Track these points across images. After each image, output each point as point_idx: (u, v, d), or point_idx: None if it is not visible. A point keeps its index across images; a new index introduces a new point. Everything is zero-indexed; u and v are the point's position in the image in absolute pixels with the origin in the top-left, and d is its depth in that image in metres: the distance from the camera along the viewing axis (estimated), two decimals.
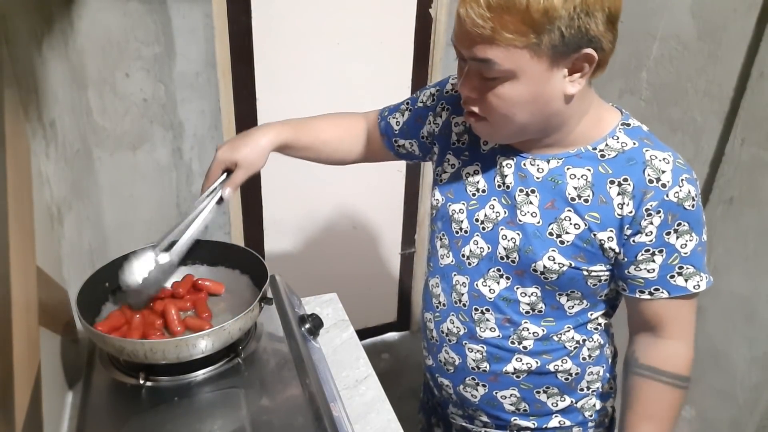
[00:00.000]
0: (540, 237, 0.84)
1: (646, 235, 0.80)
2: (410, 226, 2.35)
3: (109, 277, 1.01)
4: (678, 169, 0.79)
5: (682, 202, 0.78)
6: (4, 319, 0.67)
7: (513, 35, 0.70)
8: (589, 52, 0.72)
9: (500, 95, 0.76)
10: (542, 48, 0.71)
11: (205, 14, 1.60)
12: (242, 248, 1.09)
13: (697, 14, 1.31)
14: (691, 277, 0.82)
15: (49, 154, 1.05)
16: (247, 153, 0.96)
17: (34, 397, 0.76)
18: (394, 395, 1.07)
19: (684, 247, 0.80)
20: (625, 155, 0.81)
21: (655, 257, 0.81)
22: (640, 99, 1.47)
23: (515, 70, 0.73)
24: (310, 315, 1.05)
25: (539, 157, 0.85)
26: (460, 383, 0.98)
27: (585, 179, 0.82)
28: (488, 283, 0.90)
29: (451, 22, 1.99)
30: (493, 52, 0.72)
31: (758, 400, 1.34)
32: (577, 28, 0.70)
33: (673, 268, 0.81)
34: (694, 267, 0.81)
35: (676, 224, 0.79)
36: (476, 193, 0.91)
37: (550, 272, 0.84)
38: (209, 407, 0.89)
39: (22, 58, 0.94)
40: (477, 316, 0.92)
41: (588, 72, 0.75)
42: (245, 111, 1.82)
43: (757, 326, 1.31)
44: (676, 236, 0.80)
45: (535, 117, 0.78)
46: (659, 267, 0.81)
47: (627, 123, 0.84)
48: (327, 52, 1.88)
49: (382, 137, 1.09)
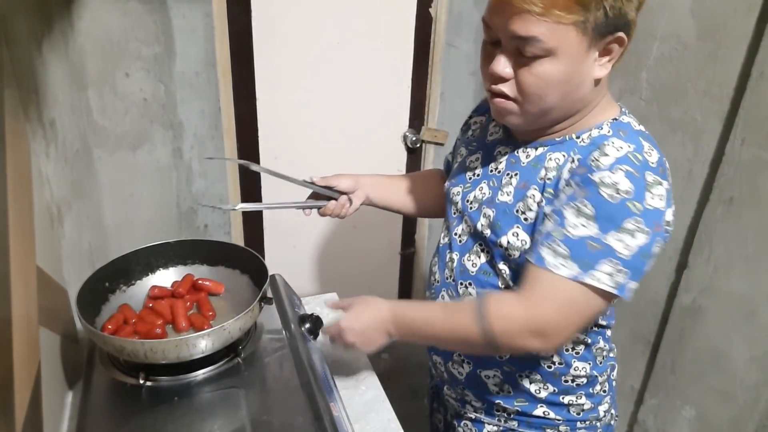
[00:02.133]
0: (508, 214, 0.86)
1: (558, 200, 0.80)
2: (410, 226, 2.35)
3: (109, 277, 1.01)
4: (624, 159, 0.75)
5: (601, 186, 0.74)
6: (4, 319, 0.67)
7: (562, 12, 0.70)
8: (621, 35, 0.75)
9: (537, 73, 0.75)
10: (587, 26, 0.72)
11: (205, 14, 1.60)
12: (242, 248, 1.09)
13: (697, 14, 1.31)
14: (558, 257, 0.76)
15: (49, 154, 1.05)
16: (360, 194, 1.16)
17: (34, 397, 0.76)
18: (394, 395, 1.07)
19: (573, 228, 0.76)
20: (594, 141, 0.81)
21: (546, 222, 0.80)
22: (640, 99, 1.47)
23: (557, 48, 0.73)
24: (310, 315, 1.05)
25: (531, 146, 0.87)
26: (449, 359, 1.00)
27: (557, 162, 0.83)
28: (471, 257, 0.93)
29: (452, 22, 1.99)
30: (538, 29, 0.71)
31: (758, 400, 1.34)
32: (618, 10, 0.72)
33: (552, 239, 0.77)
34: (569, 251, 0.76)
35: (580, 201, 0.76)
36: (472, 177, 0.96)
37: (513, 248, 0.85)
38: (209, 407, 0.89)
39: (22, 58, 0.94)
40: (461, 290, 0.94)
41: (616, 56, 0.77)
42: (245, 111, 1.82)
43: (757, 326, 1.31)
44: (574, 213, 0.76)
45: (564, 100, 0.79)
46: (545, 233, 0.79)
47: (617, 118, 0.84)
48: (327, 52, 1.88)
49: (443, 179, 1.16)
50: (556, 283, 0.77)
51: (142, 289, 1.05)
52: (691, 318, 1.43)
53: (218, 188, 1.83)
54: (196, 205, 1.82)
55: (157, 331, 0.93)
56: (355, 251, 2.28)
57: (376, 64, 1.96)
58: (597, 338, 0.95)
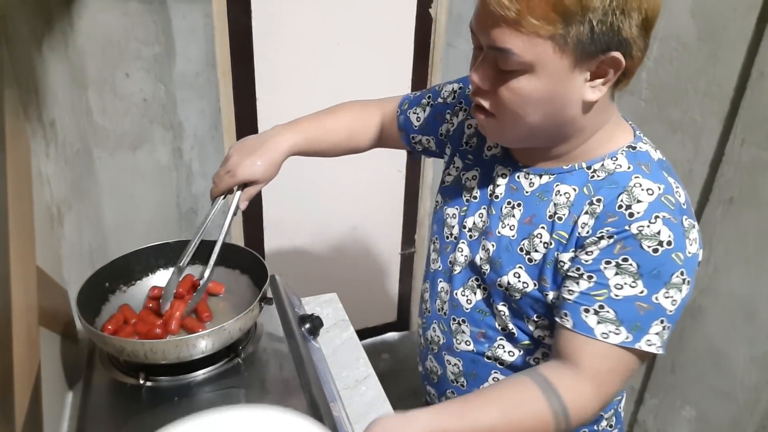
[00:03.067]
0: (510, 251, 0.80)
1: (587, 254, 0.72)
2: (410, 226, 2.35)
3: (109, 277, 1.01)
4: (659, 204, 0.69)
5: (642, 238, 0.68)
6: (4, 319, 0.67)
7: (539, 22, 0.63)
8: (616, 55, 0.66)
9: (514, 89, 0.69)
10: (568, 42, 0.65)
11: (205, 14, 1.60)
12: (242, 248, 1.09)
13: (697, 14, 1.31)
14: (606, 322, 0.70)
15: (49, 154, 1.05)
16: (264, 170, 0.93)
17: (34, 397, 0.76)
18: (394, 395, 1.07)
19: (618, 288, 0.69)
20: (612, 177, 0.73)
21: (580, 280, 0.72)
22: (640, 99, 1.47)
23: (534, 63, 0.66)
24: (310, 315, 1.05)
25: (534, 171, 0.80)
26: (442, 394, 0.96)
27: (567, 197, 0.76)
28: (466, 293, 0.87)
29: (452, 22, 1.99)
30: (513, 41, 0.65)
31: (758, 400, 1.34)
32: (609, 26, 0.64)
33: (593, 303, 0.70)
34: (616, 315, 0.69)
35: (621, 258, 0.69)
36: (469, 200, 0.88)
37: (514, 290, 0.79)
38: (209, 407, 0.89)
39: (22, 58, 0.94)
40: (454, 327, 0.89)
41: (611, 79, 0.69)
42: (245, 111, 1.82)
43: (757, 326, 1.31)
44: (615, 272, 0.69)
45: (547, 120, 0.72)
46: (579, 293, 0.71)
47: (634, 146, 0.76)
48: (327, 52, 1.88)
49: (399, 132, 1.04)
50: (610, 354, 0.70)
51: (142, 289, 1.05)
52: (691, 318, 1.43)
53: None
54: (196, 205, 1.82)
55: (157, 332, 0.93)
56: (355, 251, 2.28)
57: (376, 64, 1.97)
58: None
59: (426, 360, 0.98)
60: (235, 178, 0.92)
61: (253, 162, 0.92)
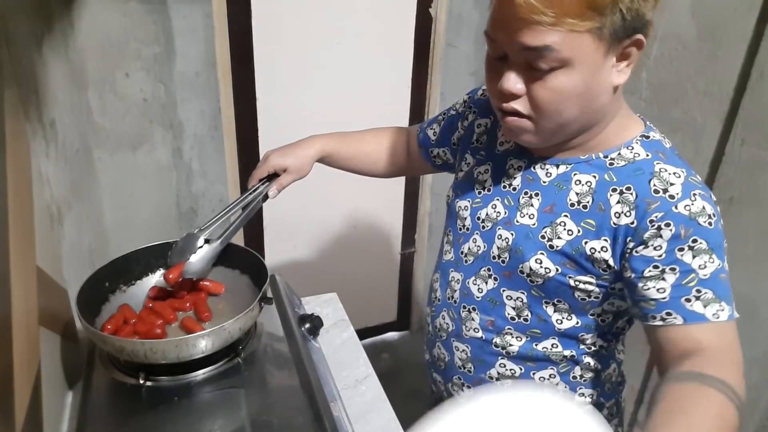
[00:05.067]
0: (532, 239, 0.82)
1: (654, 249, 0.73)
2: (410, 226, 2.35)
3: (109, 277, 1.01)
4: (690, 184, 0.73)
5: (696, 216, 0.70)
6: (4, 319, 0.67)
7: (575, 19, 0.65)
8: (640, 37, 0.69)
9: (553, 87, 0.70)
10: (604, 32, 0.67)
11: (205, 14, 1.60)
12: (242, 248, 1.09)
13: (697, 14, 1.31)
14: (710, 303, 0.71)
15: (49, 154, 1.05)
16: (295, 160, 1.07)
17: (34, 397, 0.76)
18: (394, 395, 1.07)
19: (703, 268, 0.71)
20: (634, 165, 0.76)
21: (665, 275, 0.72)
22: (640, 99, 1.47)
23: (572, 58, 0.67)
24: (310, 315, 1.05)
25: (550, 162, 0.82)
26: (449, 381, 0.98)
27: (588, 185, 0.78)
28: (478, 282, 0.89)
29: (452, 22, 1.99)
30: (550, 38, 0.66)
31: (758, 400, 1.34)
32: (635, 11, 0.67)
33: (690, 291, 0.71)
34: (713, 293, 0.71)
35: (690, 240, 0.71)
36: (482, 192, 0.90)
37: (536, 275, 0.82)
38: (209, 407, 0.89)
39: (22, 58, 0.94)
40: (464, 314, 0.92)
41: (634, 60, 0.72)
42: (245, 111, 1.82)
43: (757, 326, 1.31)
44: (692, 254, 0.71)
45: (582, 113, 0.73)
46: (671, 287, 0.72)
47: (647, 135, 0.79)
48: (327, 52, 1.88)
49: (419, 149, 1.10)
50: (725, 332, 0.72)
51: (142, 289, 1.05)
52: None
53: (218, 189, 1.83)
54: (196, 205, 1.83)
55: (157, 331, 0.93)
56: (355, 251, 2.28)
57: (376, 64, 1.97)
58: (606, 364, 0.91)
59: (434, 348, 1.00)
60: (268, 163, 1.06)
61: (285, 152, 1.08)
